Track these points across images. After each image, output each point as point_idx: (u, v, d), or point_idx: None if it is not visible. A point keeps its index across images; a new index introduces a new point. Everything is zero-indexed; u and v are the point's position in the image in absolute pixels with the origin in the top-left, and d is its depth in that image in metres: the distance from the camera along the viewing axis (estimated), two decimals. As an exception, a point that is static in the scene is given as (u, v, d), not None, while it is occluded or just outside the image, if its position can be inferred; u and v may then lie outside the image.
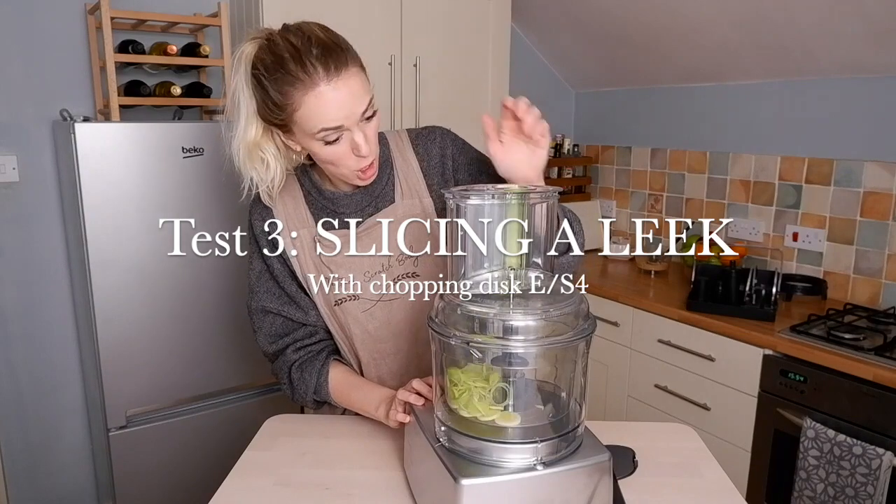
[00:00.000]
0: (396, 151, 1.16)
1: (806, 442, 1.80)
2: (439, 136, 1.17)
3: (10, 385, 2.24)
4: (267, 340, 1.18)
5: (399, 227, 1.07)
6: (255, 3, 2.11)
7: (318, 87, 0.93)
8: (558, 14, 2.83)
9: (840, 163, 2.28)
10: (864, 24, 2.00)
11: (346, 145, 0.99)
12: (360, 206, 1.13)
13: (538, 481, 0.80)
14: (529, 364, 0.84)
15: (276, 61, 0.94)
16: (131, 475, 1.99)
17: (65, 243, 2.25)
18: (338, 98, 0.94)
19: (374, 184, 1.12)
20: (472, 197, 0.86)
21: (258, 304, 1.17)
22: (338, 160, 1.01)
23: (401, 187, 1.14)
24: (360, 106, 0.97)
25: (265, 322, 1.17)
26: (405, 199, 1.14)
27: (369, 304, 1.13)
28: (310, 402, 1.17)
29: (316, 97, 0.94)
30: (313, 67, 0.93)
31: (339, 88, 0.94)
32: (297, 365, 1.15)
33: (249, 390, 2.16)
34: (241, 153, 1.04)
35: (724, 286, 2.24)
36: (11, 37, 2.08)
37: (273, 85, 0.95)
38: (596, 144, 3.26)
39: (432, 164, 1.16)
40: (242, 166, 1.06)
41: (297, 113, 0.96)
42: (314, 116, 0.95)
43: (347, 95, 0.95)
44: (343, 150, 1.00)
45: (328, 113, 0.95)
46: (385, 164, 1.14)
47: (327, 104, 0.94)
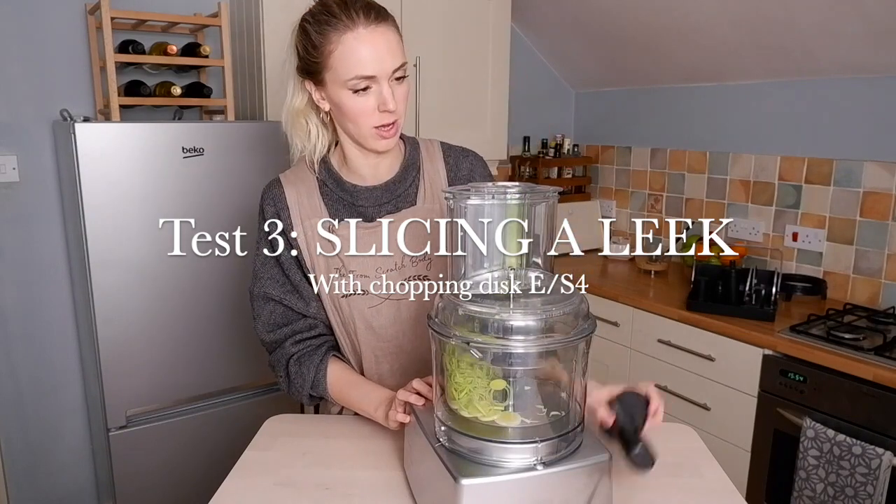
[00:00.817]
0: (426, 157, 1.17)
1: (806, 442, 1.80)
2: (472, 157, 1.22)
3: (10, 385, 2.24)
4: (265, 328, 1.17)
5: (415, 229, 1.08)
6: (255, 3, 2.11)
7: (357, 30, 0.98)
8: (558, 14, 2.83)
9: (840, 163, 2.28)
10: (864, 24, 2.00)
11: (373, 99, 1.01)
12: (379, 202, 1.13)
13: (538, 481, 0.80)
14: (529, 364, 0.84)
15: (323, 7, 1.00)
16: (131, 475, 1.99)
17: (65, 243, 2.25)
18: (374, 44, 0.98)
19: (398, 183, 1.12)
20: (473, 197, 0.86)
21: (260, 289, 1.16)
22: (362, 114, 1.02)
23: (424, 192, 1.15)
24: (394, 61, 1.00)
25: (265, 309, 1.17)
26: (427, 203, 1.14)
27: (378, 300, 1.13)
28: (305, 397, 1.16)
29: (354, 38, 0.98)
30: (356, 13, 0.98)
31: (377, 36, 0.98)
32: (295, 358, 1.15)
33: (249, 390, 2.16)
34: (287, 119, 1.10)
35: (724, 286, 2.24)
36: (11, 37, 2.08)
37: (315, 27, 1.00)
38: (596, 144, 3.26)
39: (460, 175, 1.18)
40: (288, 132, 1.11)
41: (334, 55, 0.99)
42: (349, 60, 0.98)
43: (384, 45, 0.99)
44: (369, 104, 1.02)
45: (363, 57, 0.98)
46: (412, 167, 1.15)
47: (363, 47, 0.98)
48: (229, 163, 1.98)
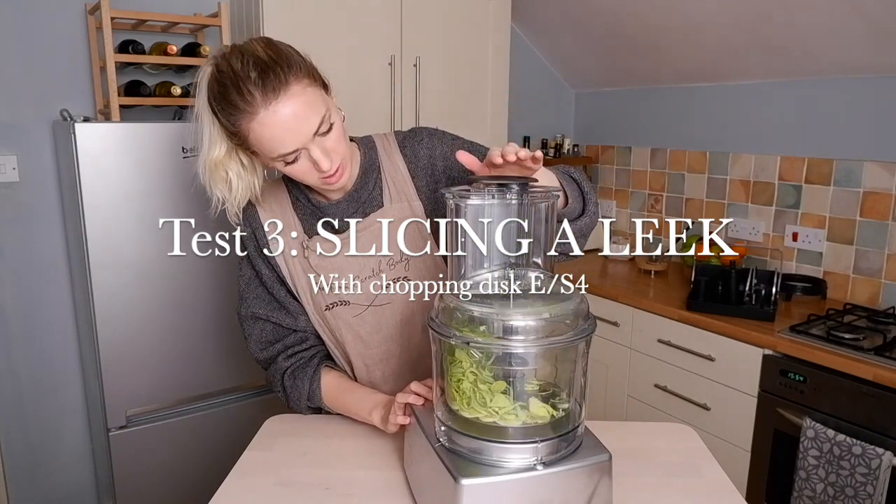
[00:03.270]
0: (384, 155, 1.14)
1: (806, 442, 1.80)
2: (426, 137, 1.14)
3: (10, 385, 2.24)
4: (258, 347, 1.18)
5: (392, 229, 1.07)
6: (255, 3, 2.11)
7: (258, 115, 0.92)
8: (558, 14, 2.83)
9: (840, 163, 2.28)
10: (864, 24, 2.00)
11: (307, 161, 0.98)
12: (346, 214, 1.12)
13: (538, 481, 0.80)
14: (529, 364, 0.84)
15: (221, 91, 0.94)
16: (131, 475, 1.99)
17: (65, 243, 2.25)
18: (280, 122, 0.92)
19: (360, 190, 1.11)
20: (473, 197, 0.86)
21: (248, 310, 1.17)
22: (301, 176, 1.01)
23: (389, 191, 1.13)
24: (309, 125, 0.94)
25: (255, 328, 1.18)
26: (394, 202, 1.12)
27: (360, 308, 1.12)
28: (304, 409, 1.17)
29: (259, 124, 0.93)
30: (251, 95, 0.91)
31: (279, 112, 0.92)
32: (289, 372, 1.15)
33: (249, 390, 2.16)
34: (205, 172, 1.04)
35: (723, 286, 2.24)
36: (11, 37, 2.08)
37: (222, 115, 0.95)
38: (596, 144, 3.26)
39: (420, 165, 1.13)
40: (207, 184, 1.05)
41: (250, 138, 0.95)
42: (265, 142, 0.95)
43: (291, 117, 0.93)
44: (305, 167, 0.99)
45: (275, 137, 0.94)
46: (371, 169, 1.12)
47: (272, 129, 0.93)
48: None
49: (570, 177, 1.04)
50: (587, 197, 1.04)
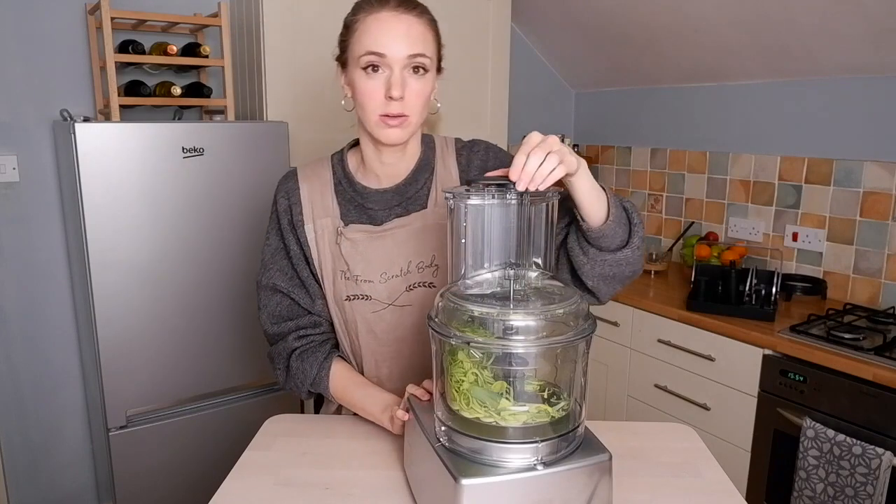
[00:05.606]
0: (440, 156, 1.15)
1: (805, 442, 1.80)
2: (483, 150, 1.17)
3: (10, 385, 2.24)
4: (269, 320, 1.17)
5: (424, 234, 1.06)
6: (255, 3, 2.11)
7: (381, 12, 1.00)
8: (558, 14, 2.83)
9: (840, 163, 2.28)
10: (864, 24, 2.00)
11: (382, 82, 1.00)
12: (388, 205, 1.12)
13: (538, 481, 0.80)
14: (529, 364, 0.84)
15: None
16: (131, 475, 1.99)
17: (65, 243, 2.25)
18: (391, 27, 0.99)
19: (409, 185, 1.11)
20: (473, 197, 0.86)
21: (269, 280, 1.16)
22: (370, 97, 1.01)
23: (435, 195, 1.12)
24: (410, 46, 1.00)
25: (272, 301, 1.17)
26: (438, 207, 1.11)
27: (380, 306, 1.12)
28: (304, 392, 1.16)
29: (375, 19, 1.00)
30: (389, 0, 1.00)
31: (398, 21, 0.99)
32: (297, 353, 1.15)
33: (249, 390, 2.16)
34: None
35: (723, 286, 2.24)
36: (11, 37, 2.08)
37: (352, 10, 1.04)
38: (596, 144, 3.26)
39: (471, 175, 1.14)
40: None
41: (356, 34, 1.01)
42: (365, 37, 1.00)
43: (403, 29, 0.99)
44: (376, 86, 1.01)
45: (377, 35, 0.99)
46: (425, 168, 1.13)
47: (381, 27, 0.99)
48: (229, 163, 1.97)
49: (622, 204, 1.01)
50: (633, 229, 1.00)
